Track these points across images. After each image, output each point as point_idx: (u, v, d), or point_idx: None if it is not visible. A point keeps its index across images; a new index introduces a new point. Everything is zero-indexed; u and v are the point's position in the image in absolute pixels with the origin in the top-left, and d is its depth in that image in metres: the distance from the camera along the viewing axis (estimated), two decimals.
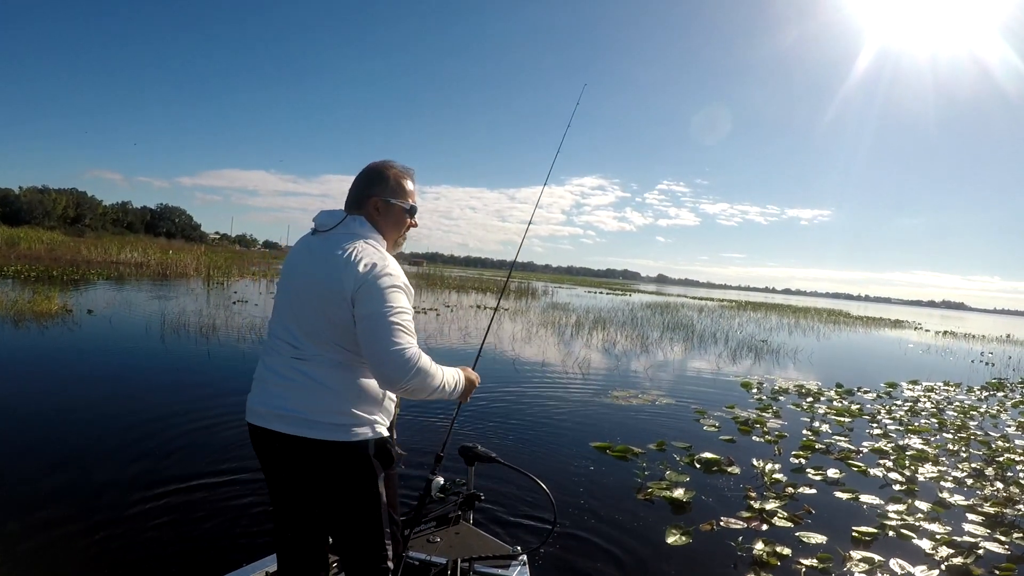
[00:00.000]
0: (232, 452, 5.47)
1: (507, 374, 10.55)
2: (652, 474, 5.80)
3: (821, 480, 6.09)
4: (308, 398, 2.12)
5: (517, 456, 5.96)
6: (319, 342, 2.15)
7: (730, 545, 4.39)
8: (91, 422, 6.15)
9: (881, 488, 6.04)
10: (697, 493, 5.36)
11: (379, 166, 2.38)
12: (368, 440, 2.17)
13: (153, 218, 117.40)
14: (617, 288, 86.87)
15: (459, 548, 3.15)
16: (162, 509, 4.31)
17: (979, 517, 5.38)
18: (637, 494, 5.31)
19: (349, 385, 2.15)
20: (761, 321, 32.61)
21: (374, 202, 2.30)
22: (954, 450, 7.72)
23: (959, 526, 5.14)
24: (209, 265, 34.20)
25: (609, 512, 4.85)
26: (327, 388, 2.13)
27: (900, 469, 6.61)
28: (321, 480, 2.19)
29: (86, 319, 12.59)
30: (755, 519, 4.90)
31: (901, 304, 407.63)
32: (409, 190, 2.39)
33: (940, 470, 6.73)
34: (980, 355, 23.88)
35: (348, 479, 2.18)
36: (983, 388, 14.13)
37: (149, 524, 4.08)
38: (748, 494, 5.45)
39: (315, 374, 2.13)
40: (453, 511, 3.46)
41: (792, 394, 10.98)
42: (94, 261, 33.82)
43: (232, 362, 9.57)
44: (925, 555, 4.54)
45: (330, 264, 2.13)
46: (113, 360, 9.19)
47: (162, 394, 7.38)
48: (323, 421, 2.10)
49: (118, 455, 5.26)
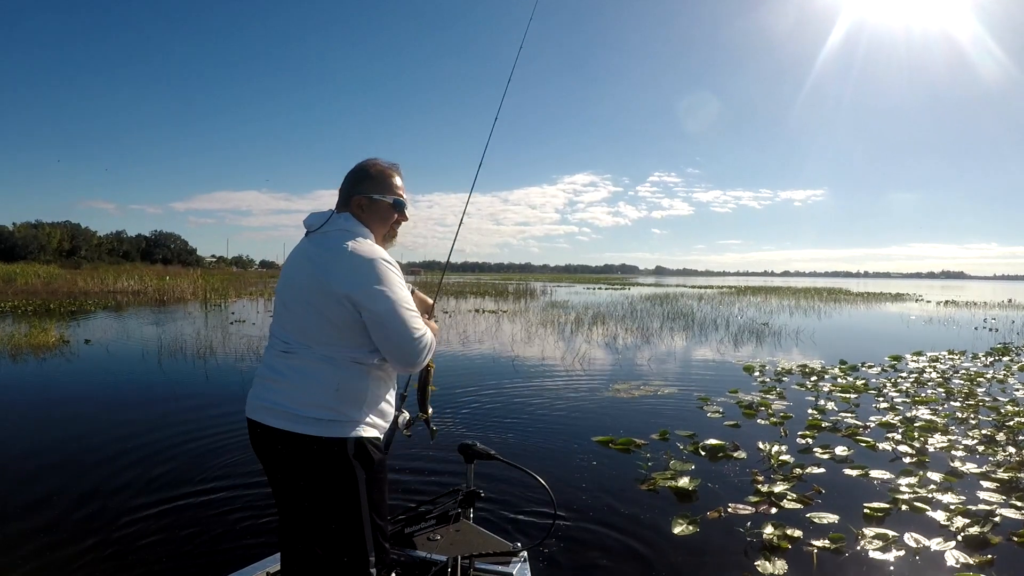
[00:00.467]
0: (233, 457, 5.68)
1: (507, 373, 10.43)
2: (656, 464, 5.66)
3: (829, 458, 5.97)
4: (292, 391, 2.16)
5: (518, 453, 5.86)
6: (307, 337, 2.18)
7: (739, 531, 4.26)
8: (91, 439, 6.33)
9: (891, 462, 5.92)
10: (703, 481, 5.23)
11: (362, 164, 2.43)
12: (348, 439, 2.15)
13: (148, 245, 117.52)
14: (616, 283, 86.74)
15: (460, 545, 3.14)
16: (162, 514, 4.48)
17: (993, 484, 5.27)
18: (641, 485, 5.18)
19: (334, 381, 2.16)
20: (761, 305, 32.50)
21: (357, 200, 2.34)
22: (963, 418, 7.59)
23: (973, 495, 5.03)
24: (206, 288, 34.23)
25: (613, 505, 4.73)
26: (311, 382, 2.15)
27: (909, 441, 6.49)
28: (303, 475, 2.20)
29: (84, 349, 12.54)
30: (763, 503, 4.77)
31: (901, 278, 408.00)
32: (393, 185, 2.42)
33: (950, 439, 6.61)
34: (983, 322, 23.74)
35: (326, 477, 2.17)
36: (988, 354, 14.00)
37: (150, 527, 4.24)
38: (755, 478, 5.33)
39: (301, 367, 2.17)
40: (453, 508, 3.44)
41: (796, 374, 10.85)
42: (91, 292, 33.83)
43: (230, 379, 9.48)
44: (940, 527, 4.42)
45: (321, 262, 2.18)
46: (111, 385, 9.13)
47: (161, 413, 7.40)
48: (304, 415, 2.13)
49: (120, 467, 5.50)
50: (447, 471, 5.36)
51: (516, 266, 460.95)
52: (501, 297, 34.90)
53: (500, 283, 53.98)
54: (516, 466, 3.41)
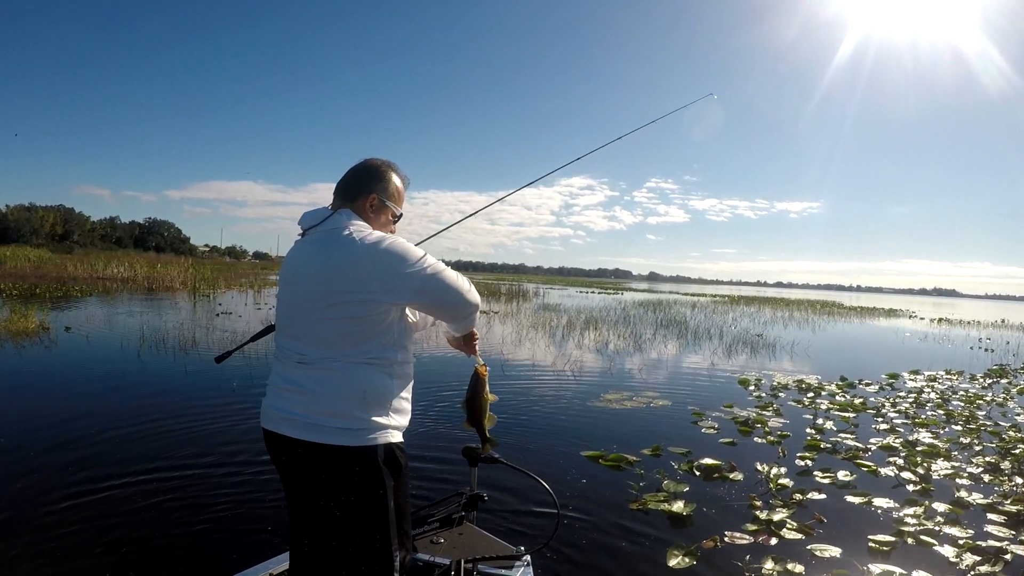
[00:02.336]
0: (203, 453, 5.41)
1: (494, 378, 9.98)
2: (648, 484, 5.37)
3: (830, 483, 5.69)
4: (314, 402, 2.09)
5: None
6: (326, 345, 2.10)
7: (737, 565, 3.98)
8: (46, 431, 6.03)
9: (894, 488, 5.66)
10: (698, 505, 4.93)
11: (382, 164, 2.36)
12: (378, 446, 2.12)
13: (142, 233, 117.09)
14: (609, 287, 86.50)
15: (463, 549, 3.13)
16: (160, 509, 4.45)
17: (1000, 517, 5.02)
18: (632, 506, 4.89)
19: (360, 388, 2.09)
20: (755, 315, 32.26)
21: (372, 198, 2.27)
22: (966, 443, 7.35)
23: (981, 528, 4.77)
24: (195, 277, 33.80)
25: (603, 530, 4.43)
26: (335, 391, 2.08)
27: (912, 467, 6.23)
28: (329, 485, 2.13)
29: (63, 336, 12.21)
30: (762, 532, 4.48)
31: (893, 293, 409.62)
32: (402, 197, 2.39)
33: (954, 466, 6.36)
34: (978, 341, 23.59)
35: (355, 486, 2.12)
36: (986, 375, 13.79)
37: (151, 528, 4.16)
38: (753, 503, 5.04)
39: (322, 378, 2.09)
40: (457, 512, 3.43)
41: (792, 390, 10.59)
42: (80, 277, 33.30)
43: (209, 374, 9.14)
44: (949, 563, 4.16)
45: (334, 263, 2.08)
46: (84, 377, 8.79)
47: (135, 407, 7.13)
48: (330, 425, 2.06)
49: (77, 458, 5.30)
50: (451, 474, 5.29)
51: (510, 267, 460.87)
52: (493, 297, 34.53)
53: (493, 283, 53.66)
54: (520, 470, 3.36)
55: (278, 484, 2.41)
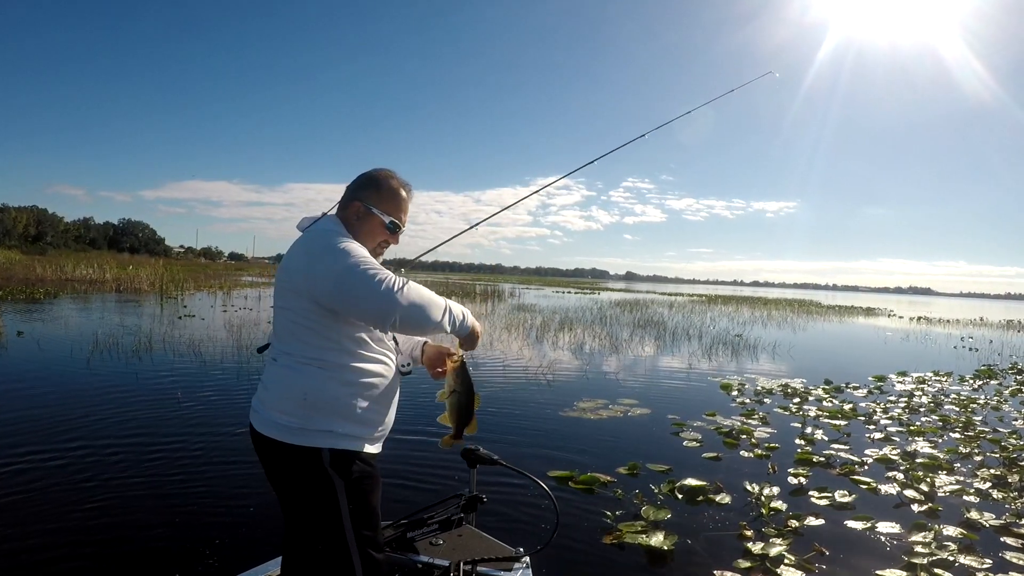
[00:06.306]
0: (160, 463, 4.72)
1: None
2: (625, 512, 4.72)
3: (827, 505, 5.10)
4: (268, 397, 2.13)
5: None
6: (288, 340, 2.12)
7: None
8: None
9: (897, 509, 5.10)
10: (680, 537, 4.27)
11: (377, 172, 2.34)
12: (322, 449, 2.06)
13: (116, 233, 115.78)
14: (586, 287, 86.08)
15: (462, 550, 3.08)
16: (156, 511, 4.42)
17: (1017, 541, 4.50)
18: (607, 540, 4.25)
19: (299, 389, 2.07)
20: (733, 315, 31.79)
21: (356, 206, 2.26)
22: (966, 453, 6.82)
23: (998, 556, 4.23)
24: (164, 278, 32.97)
25: (571, 571, 3.81)
26: (282, 388, 2.10)
27: (915, 483, 5.67)
28: (287, 482, 2.17)
29: (14, 341, 11.55)
30: (757, 570, 3.86)
31: (869, 291, 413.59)
32: (398, 205, 2.32)
33: (958, 480, 5.82)
34: (961, 340, 23.26)
35: (305, 485, 2.11)
36: (975, 377, 13.35)
37: (150, 528, 4.12)
38: (743, 532, 4.41)
39: (276, 374, 2.13)
40: (456, 513, 3.36)
41: (777, 395, 10.01)
42: (48, 279, 32.62)
43: (163, 381, 8.57)
44: None
45: (298, 260, 2.11)
46: (30, 384, 8.26)
47: (80, 415, 6.49)
48: (279, 422, 2.07)
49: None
50: (452, 476, 5.14)
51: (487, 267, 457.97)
52: (468, 298, 33.77)
53: (468, 284, 53.05)
54: (522, 472, 3.29)
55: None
